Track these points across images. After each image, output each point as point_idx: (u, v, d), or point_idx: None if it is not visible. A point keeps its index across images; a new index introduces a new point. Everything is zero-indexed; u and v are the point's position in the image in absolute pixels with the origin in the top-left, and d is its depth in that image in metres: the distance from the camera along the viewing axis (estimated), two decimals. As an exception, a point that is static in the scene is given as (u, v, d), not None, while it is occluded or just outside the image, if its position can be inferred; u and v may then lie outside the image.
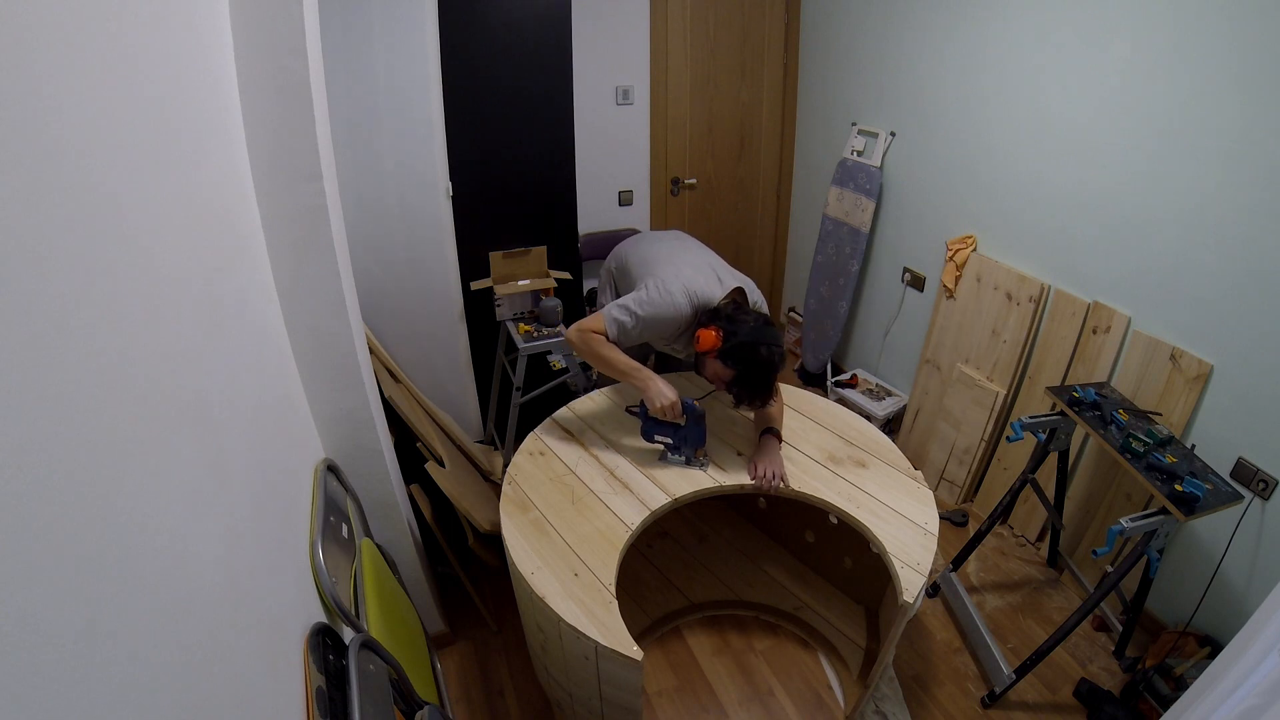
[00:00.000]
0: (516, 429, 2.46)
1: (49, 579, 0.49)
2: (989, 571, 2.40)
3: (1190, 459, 1.77)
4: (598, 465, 1.77)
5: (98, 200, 0.65)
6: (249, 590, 0.87)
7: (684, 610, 2.15)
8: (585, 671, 1.42)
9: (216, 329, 0.95)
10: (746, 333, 1.65)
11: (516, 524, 1.58)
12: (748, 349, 1.64)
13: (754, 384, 1.68)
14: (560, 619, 1.34)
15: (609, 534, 1.55)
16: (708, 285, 1.79)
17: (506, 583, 1.90)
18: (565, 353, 2.35)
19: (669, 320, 1.74)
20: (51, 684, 0.47)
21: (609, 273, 2.18)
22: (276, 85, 1.24)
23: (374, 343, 2.13)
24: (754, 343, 1.64)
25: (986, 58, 2.44)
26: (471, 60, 2.22)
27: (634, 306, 1.72)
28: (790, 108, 3.63)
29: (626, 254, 2.07)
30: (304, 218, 1.33)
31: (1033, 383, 2.43)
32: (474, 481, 2.21)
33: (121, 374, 0.65)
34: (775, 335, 1.69)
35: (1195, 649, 1.88)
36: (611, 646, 1.29)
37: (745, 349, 1.64)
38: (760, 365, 1.65)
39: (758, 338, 1.65)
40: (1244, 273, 1.78)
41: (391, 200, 2.20)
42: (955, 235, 2.72)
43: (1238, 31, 1.71)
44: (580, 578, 1.43)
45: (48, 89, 0.58)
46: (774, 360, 1.67)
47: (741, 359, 1.65)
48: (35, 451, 0.50)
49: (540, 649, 1.61)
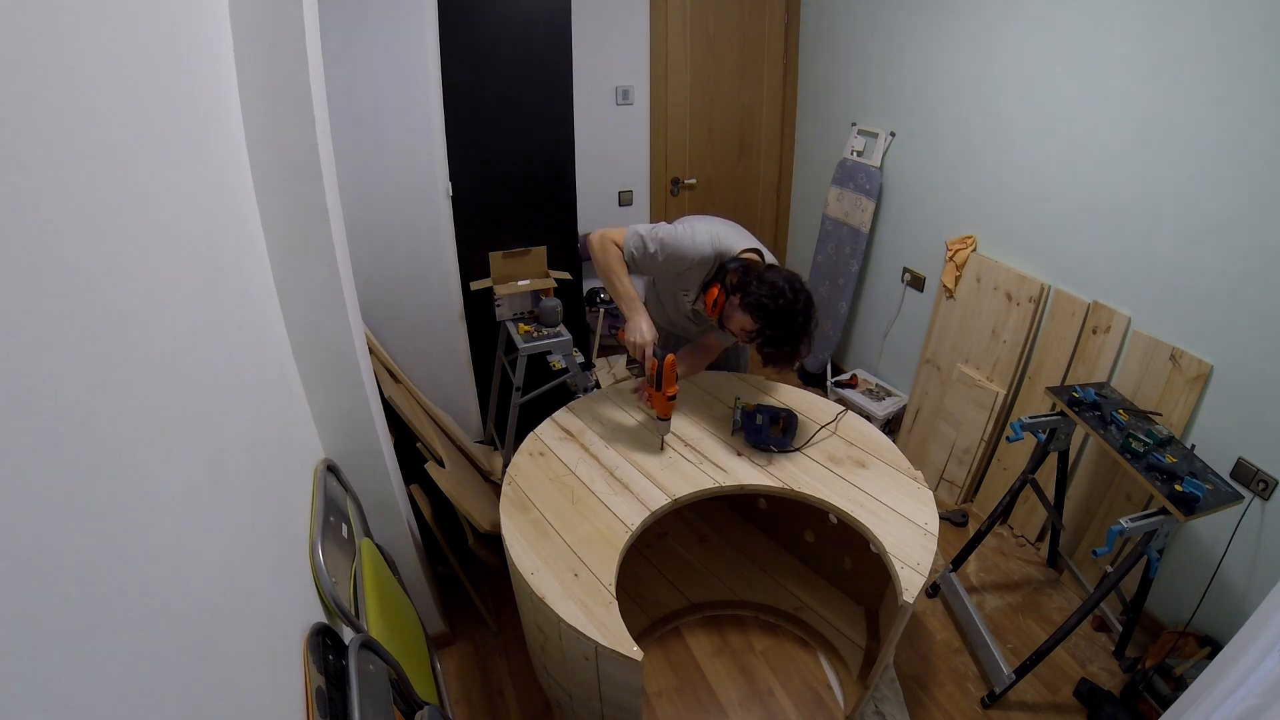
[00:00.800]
0: (516, 429, 2.46)
1: (49, 579, 0.49)
2: (989, 571, 2.40)
3: (1190, 459, 1.77)
4: (598, 465, 1.76)
5: (98, 200, 0.65)
6: (249, 590, 0.87)
7: (684, 610, 2.15)
8: (585, 672, 1.42)
9: (216, 329, 0.95)
10: (769, 274, 1.59)
11: (516, 524, 1.58)
12: (769, 289, 1.56)
13: (779, 332, 1.58)
14: (560, 619, 1.34)
15: (609, 534, 1.55)
16: (732, 236, 1.77)
17: (506, 583, 1.90)
18: (565, 353, 2.35)
19: (688, 256, 1.72)
20: (52, 684, 0.47)
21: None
22: (276, 85, 1.23)
23: (374, 343, 2.13)
24: (775, 284, 1.57)
25: (987, 58, 2.44)
26: (471, 60, 2.22)
27: (660, 233, 1.72)
28: (790, 108, 3.63)
29: None
30: (304, 218, 1.33)
31: (1033, 383, 2.43)
32: (474, 481, 2.21)
33: (122, 374, 0.65)
34: (801, 283, 1.61)
35: (1195, 649, 1.88)
36: (611, 647, 1.29)
37: (767, 288, 1.56)
38: (784, 311, 1.56)
39: (779, 278, 1.58)
40: (1244, 273, 1.78)
41: (391, 200, 2.20)
42: (955, 235, 2.72)
43: (1238, 31, 1.71)
44: (580, 578, 1.43)
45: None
46: (798, 305, 1.57)
47: (761, 305, 1.56)
48: (36, 451, 0.50)
49: (540, 649, 1.61)
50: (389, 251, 2.26)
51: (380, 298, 2.29)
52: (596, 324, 3.21)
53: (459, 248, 2.41)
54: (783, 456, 1.80)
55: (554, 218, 2.61)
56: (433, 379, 2.52)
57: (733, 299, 1.66)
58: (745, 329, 1.64)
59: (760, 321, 1.60)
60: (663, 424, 1.78)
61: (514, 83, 2.32)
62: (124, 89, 0.74)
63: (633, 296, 1.76)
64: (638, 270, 1.80)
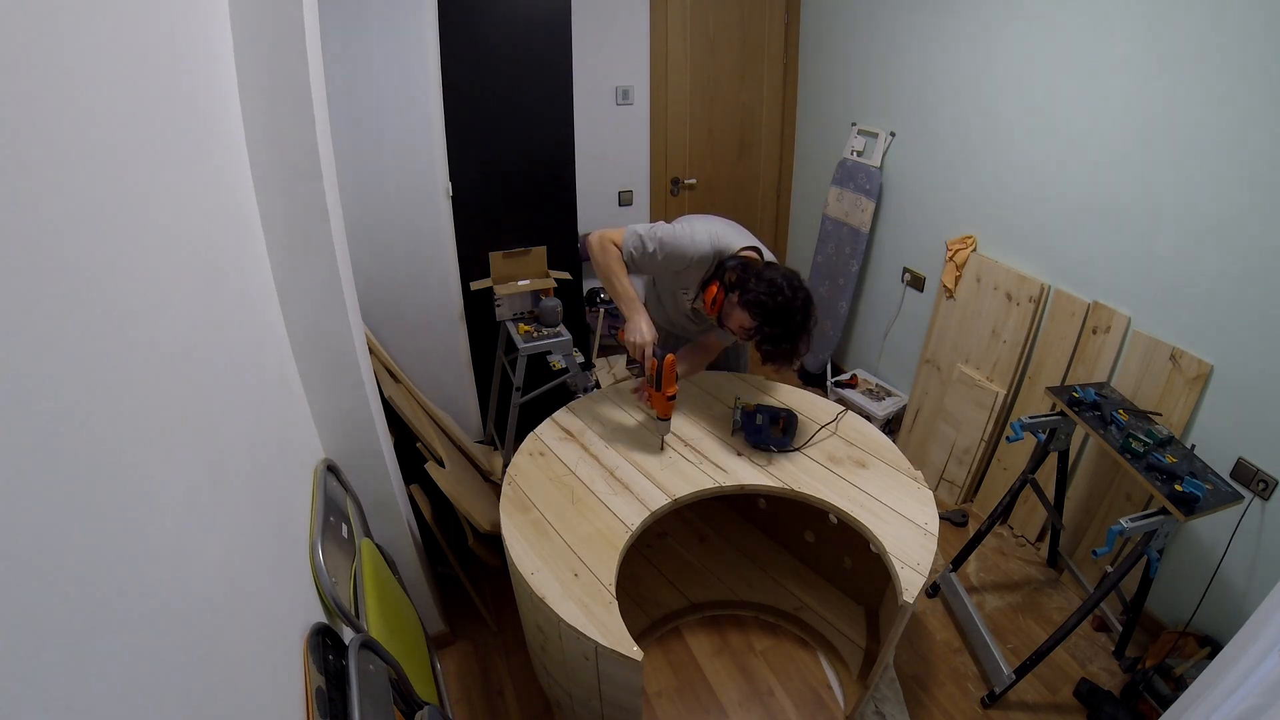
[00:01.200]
0: (516, 429, 2.46)
1: (49, 579, 0.49)
2: (989, 571, 2.40)
3: (1190, 459, 1.77)
4: (598, 465, 1.76)
5: (98, 200, 0.65)
6: (249, 590, 0.87)
7: (684, 610, 2.16)
8: (585, 672, 1.42)
9: (216, 329, 0.95)
10: (768, 272, 1.59)
11: (516, 524, 1.58)
12: (768, 286, 1.56)
13: (778, 329, 1.59)
14: (560, 619, 1.34)
15: (609, 534, 1.55)
16: (731, 235, 1.76)
17: (506, 583, 1.90)
18: (565, 353, 2.35)
19: (687, 255, 1.72)
20: (52, 684, 0.47)
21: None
22: (276, 85, 1.23)
23: (374, 343, 2.13)
24: (774, 281, 1.56)
25: (987, 58, 2.44)
26: (471, 60, 2.22)
27: (659, 232, 1.73)
28: (790, 108, 3.63)
29: None
30: (303, 218, 1.33)
31: (1033, 383, 2.43)
32: (474, 481, 2.22)
33: (121, 374, 0.65)
34: (800, 280, 1.62)
35: (1195, 649, 1.88)
36: (611, 647, 1.29)
37: (765, 285, 1.56)
38: (783, 309, 1.56)
39: (778, 276, 1.58)
40: (1244, 273, 1.78)
41: (391, 200, 2.20)
42: (955, 235, 2.72)
43: (1238, 31, 1.71)
44: (580, 578, 1.43)
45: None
46: (796, 303, 1.57)
47: (760, 302, 1.56)
48: (36, 451, 0.50)
49: (540, 649, 1.61)
50: (389, 251, 2.26)
51: (380, 298, 2.29)
52: (596, 324, 3.21)
53: (459, 248, 2.41)
54: (783, 456, 1.80)
55: (554, 218, 2.61)
56: (433, 379, 2.52)
57: (731, 297, 1.66)
58: (744, 326, 1.64)
59: (759, 319, 1.60)
60: (663, 424, 1.79)
61: (514, 83, 2.32)
62: (124, 89, 0.74)
63: (632, 296, 1.76)
64: (637, 270, 1.80)
